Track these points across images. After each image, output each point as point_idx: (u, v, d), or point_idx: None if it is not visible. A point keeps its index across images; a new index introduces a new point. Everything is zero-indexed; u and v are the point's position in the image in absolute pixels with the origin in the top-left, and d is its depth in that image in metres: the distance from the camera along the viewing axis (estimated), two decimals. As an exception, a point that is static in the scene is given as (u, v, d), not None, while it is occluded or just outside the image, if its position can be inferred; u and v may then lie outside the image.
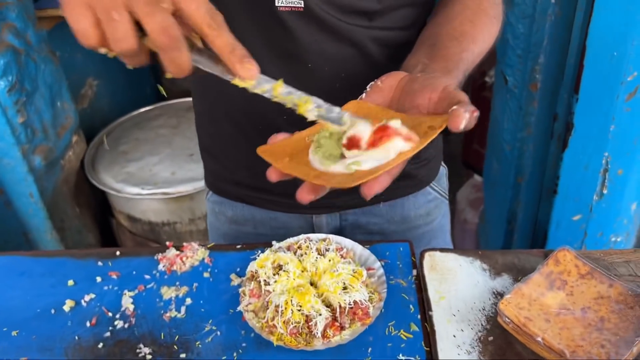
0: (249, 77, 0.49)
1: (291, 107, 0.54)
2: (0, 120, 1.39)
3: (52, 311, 0.74)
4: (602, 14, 1.02)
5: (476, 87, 2.03)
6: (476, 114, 0.47)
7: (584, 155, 1.21)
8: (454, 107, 0.48)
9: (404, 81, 0.58)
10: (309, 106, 0.54)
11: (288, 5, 0.69)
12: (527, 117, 1.33)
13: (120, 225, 1.81)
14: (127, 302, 0.75)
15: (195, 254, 0.81)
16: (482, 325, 0.68)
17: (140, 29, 0.47)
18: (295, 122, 0.76)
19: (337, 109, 0.55)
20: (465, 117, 0.47)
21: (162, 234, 1.73)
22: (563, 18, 1.14)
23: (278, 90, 0.52)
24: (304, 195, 0.50)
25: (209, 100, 0.85)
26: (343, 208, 0.88)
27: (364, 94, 0.59)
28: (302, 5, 0.69)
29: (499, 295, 0.71)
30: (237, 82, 0.51)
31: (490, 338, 0.66)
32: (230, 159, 0.88)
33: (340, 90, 0.75)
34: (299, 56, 0.73)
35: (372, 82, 0.60)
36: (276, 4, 0.69)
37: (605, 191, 1.25)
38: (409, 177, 0.87)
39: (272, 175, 0.53)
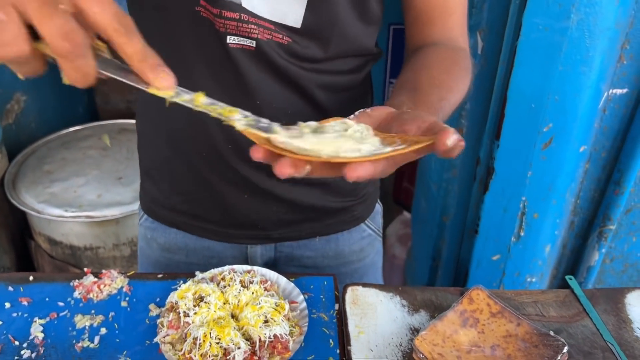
0: (164, 87, 0.46)
1: (216, 117, 0.50)
2: None
3: (-47, 338, 0.70)
4: (521, 69, 1.10)
5: (408, 127, 2.09)
6: (462, 143, 0.47)
7: (503, 199, 1.27)
8: (444, 126, 0.48)
9: (393, 113, 0.57)
10: (236, 115, 0.51)
11: (239, 43, 0.70)
12: (452, 159, 1.39)
13: (39, 247, 1.73)
14: (36, 330, 0.71)
15: (114, 282, 0.79)
16: (398, 360, 0.69)
17: (34, 32, 0.42)
18: (241, 150, 0.77)
19: (265, 120, 0.52)
20: (453, 136, 0.45)
21: (84, 259, 1.66)
22: (488, 69, 1.22)
23: (200, 101, 0.49)
24: (284, 169, 0.47)
25: (151, 121, 0.84)
26: (278, 240, 0.89)
27: (352, 116, 0.58)
28: (254, 45, 0.70)
29: (415, 331, 0.73)
30: (154, 91, 0.46)
31: (405, 374, 0.68)
32: (169, 183, 0.87)
33: None
34: (247, 92, 0.73)
35: (361, 110, 0.58)
36: (228, 41, 0.70)
37: (522, 233, 1.32)
38: (346, 213, 0.89)
39: (257, 153, 0.49)
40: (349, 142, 0.50)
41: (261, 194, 0.83)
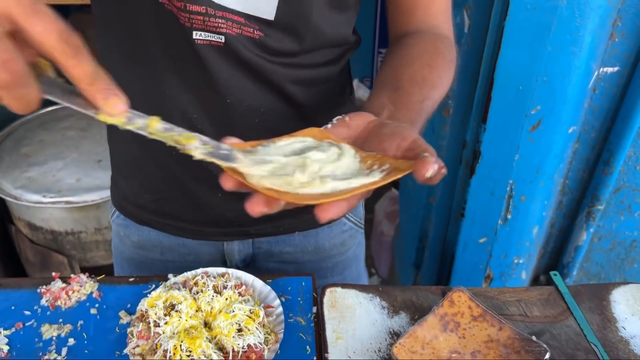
0: (115, 113, 0.42)
1: (172, 145, 0.47)
2: None
3: None
4: (509, 49, 1.06)
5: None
6: (444, 170, 0.45)
7: (490, 182, 1.25)
8: (425, 154, 0.46)
9: (373, 124, 0.55)
10: (194, 142, 0.47)
11: (207, 39, 0.65)
12: (439, 140, 1.36)
13: (20, 233, 1.69)
14: (1, 343, 0.68)
15: (83, 287, 0.76)
16: (376, 368, 0.67)
17: None
18: None
19: (225, 146, 0.49)
20: (433, 167, 0.44)
21: (66, 244, 1.63)
22: (474, 48, 1.17)
23: (154, 127, 0.45)
24: (257, 208, 0.45)
25: None
26: (256, 236, 0.86)
27: (329, 125, 0.56)
28: (222, 41, 0.65)
29: (395, 335, 0.71)
30: (103, 117, 0.42)
31: (384, 382, 0.66)
32: (139, 181, 0.83)
33: (260, 124, 0.73)
34: (217, 90, 0.69)
35: (339, 117, 0.56)
36: (194, 37, 0.65)
37: (509, 216, 1.30)
38: None
39: (227, 183, 0.47)
40: (327, 168, 0.47)
41: (235, 192, 0.79)
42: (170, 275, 0.77)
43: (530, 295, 0.78)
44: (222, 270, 0.77)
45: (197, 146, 0.47)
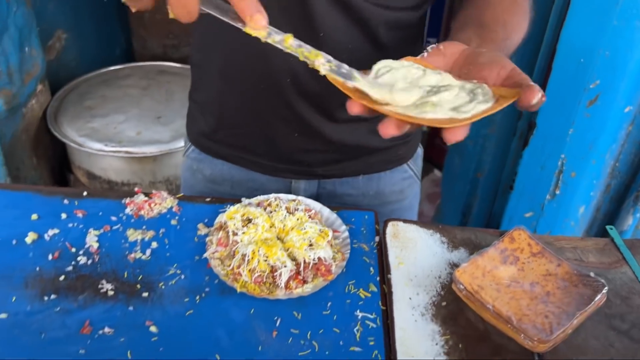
0: (259, 28, 0.50)
1: (303, 60, 0.54)
2: (-36, 57, 1.35)
3: (14, 242, 0.74)
4: (574, 20, 1.08)
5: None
6: (544, 99, 0.49)
7: (542, 155, 1.27)
8: (529, 82, 0.49)
9: (467, 52, 0.57)
10: (320, 59, 0.54)
11: None
12: (492, 115, 1.38)
13: (78, 181, 1.78)
14: (91, 240, 0.74)
15: (164, 202, 0.81)
16: (437, 291, 0.71)
17: None
18: (300, 84, 0.77)
19: (345, 66, 0.55)
20: (538, 95, 0.48)
21: (121, 194, 1.70)
22: (537, 19, 1.19)
23: (289, 42, 0.53)
24: (389, 130, 0.50)
25: (209, 54, 0.84)
26: (323, 177, 0.90)
27: (424, 53, 0.58)
28: None
29: (454, 266, 0.75)
30: (248, 30, 0.51)
31: (444, 303, 0.70)
32: (219, 116, 0.88)
33: (346, 62, 0.77)
34: (312, 24, 0.73)
35: (433, 45, 0.59)
36: None
37: (557, 192, 1.32)
38: (390, 152, 0.90)
39: (353, 108, 0.52)
40: (444, 97, 0.51)
41: (310, 134, 0.84)
42: (243, 198, 0.82)
43: (585, 244, 0.80)
44: (292, 196, 0.82)
45: (322, 62, 0.54)
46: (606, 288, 0.68)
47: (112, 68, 2.00)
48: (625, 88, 1.17)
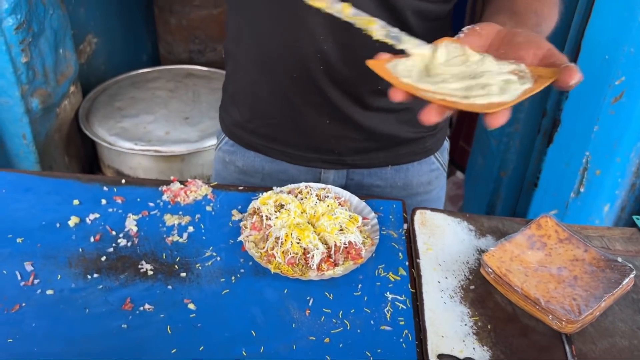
0: None
1: (360, 27, 0.59)
2: (3, 58, 1.40)
3: (57, 225, 0.77)
4: (599, 17, 1.09)
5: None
6: (582, 79, 0.49)
7: (566, 153, 1.27)
8: (568, 63, 0.50)
9: (503, 32, 0.58)
10: (375, 25, 0.59)
11: None
12: (517, 113, 1.39)
13: (107, 180, 1.82)
14: (130, 224, 0.78)
15: (199, 189, 0.84)
16: (465, 275, 0.73)
17: None
18: (333, 72, 0.80)
19: (394, 29, 0.59)
20: (578, 75, 0.48)
21: (149, 193, 1.75)
22: (564, 13, 1.20)
23: (346, 12, 0.58)
24: (430, 117, 0.51)
25: (243, 45, 0.86)
26: (352, 166, 0.92)
27: (461, 34, 0.59)
28: None
29: (482, 252, 0.76)
30: (311, 2, 0.56)
31: (472, 287, 0.71)
32: (252, 107, 0.90)
33: (377, 51, 0.79)
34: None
35: (469, 26, 0.59)
36: None
37: (582, 189, 1.32)
38: (418, 143, 0.92)
39: (396, 95, 0.53)
40: (487, 79, 0.52)
41: (342, 120, 0.86)
42: (274, 187, 0.84)
43: (612, 233, 0.81)
44: (322, 185, 0.84)
45: (376, 29, 0.59)
46: (634, 272, 0.69)
47: (140, 71, 2.05)
48: (651, 85, 1.18)
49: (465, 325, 0.66)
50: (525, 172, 1.42)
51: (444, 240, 0.78)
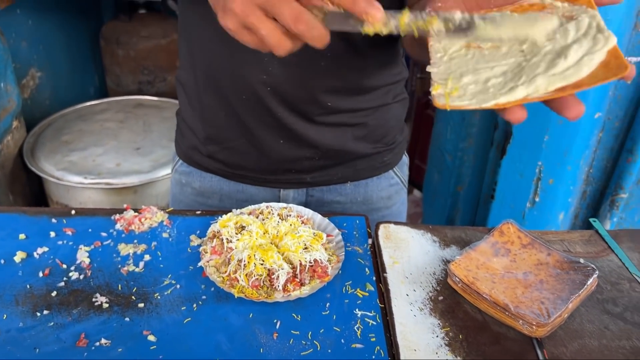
0: (376, 21, 0.50)
1: (419, 33, 0.52)
2: (-61, 93, 1.33)
3: (2, 261, 0.72)
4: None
5: (421, 104, 2.13)
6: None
7: (520, 163, 1.30)
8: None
9: None
10: (435, 23, 0.52)
11: None
12: (469, 127, 1.42)
13: (56, 217, 1.74)
14: (82, 256, 0.73)
15: (154, 216, 0.81)
16: (432, 287, 0.72)
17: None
18: (279, 93, 0.79)
19: (458, 15, 0.52)
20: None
21: (101, 228, 1.68)
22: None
23: (405, 21, 0.52)
24: (517, 115, 0.50)
25: (194, 71, 0.85)
26: (311, 184, 0.91)
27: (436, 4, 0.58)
28: None
29: (448, 262, 0.76)
30: (368, 29, 0.51)
31: (441, 298, 0.70)
32: (207, 131, 0.89)
33: (324, 68, 0.78)
34: None
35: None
36: None
37: (537, 199, 1.35)
38: (376, 159, 0.92)
39: (517, 115, 0.51)
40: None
41: (295, 139, 0.85)
42: (234, 209, 0.82)
43: (572, 236, 0.82)
44: (283, 205, 0.82)
45: (440, 27, 0.52)
46: (597, 272, 0.69)
47: (88, 104, 1.99)
48: (594, 95, 1.22)
49: (437, 336, 0.65)
50: (482, 185, 1.44)
51: (409, 253, 0.77)
